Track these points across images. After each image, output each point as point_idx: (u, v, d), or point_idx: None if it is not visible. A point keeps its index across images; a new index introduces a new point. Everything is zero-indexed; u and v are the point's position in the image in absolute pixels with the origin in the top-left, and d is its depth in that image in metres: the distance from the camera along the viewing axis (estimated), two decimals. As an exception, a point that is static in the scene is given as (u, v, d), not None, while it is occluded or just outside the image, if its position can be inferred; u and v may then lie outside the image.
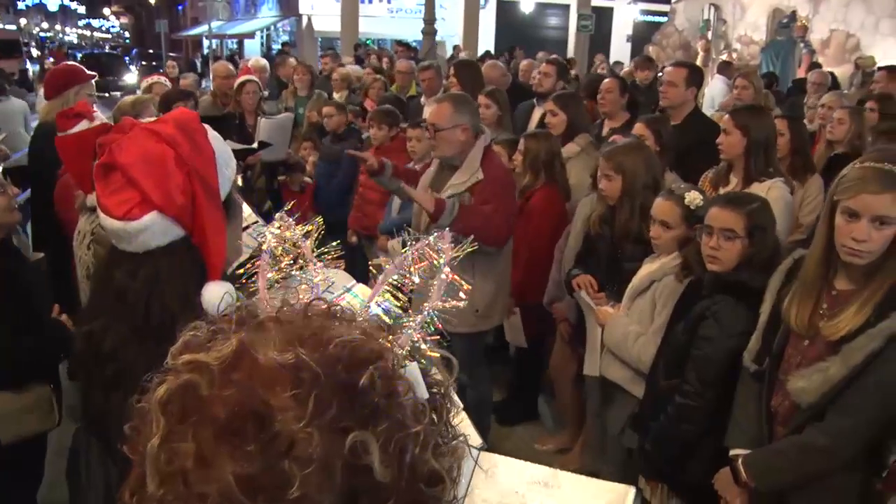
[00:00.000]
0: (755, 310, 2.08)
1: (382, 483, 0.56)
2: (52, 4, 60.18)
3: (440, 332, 0.63)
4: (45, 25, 63.96)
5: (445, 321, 0.63)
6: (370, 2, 21.34)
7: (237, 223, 1.45)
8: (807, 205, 3.49)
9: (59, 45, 35.35)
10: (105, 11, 59.60)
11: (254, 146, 4.62)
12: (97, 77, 4.05)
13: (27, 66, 18.39)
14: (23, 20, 49.25)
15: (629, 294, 2.70)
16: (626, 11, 23.07)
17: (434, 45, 13.51)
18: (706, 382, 2.21)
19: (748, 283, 2.16)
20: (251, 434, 0.54)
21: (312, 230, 0.77)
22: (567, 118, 4.00)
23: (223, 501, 0.53)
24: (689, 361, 2.25)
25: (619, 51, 20.59)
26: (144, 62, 24.19)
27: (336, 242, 0.80)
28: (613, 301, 2.83)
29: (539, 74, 5.45)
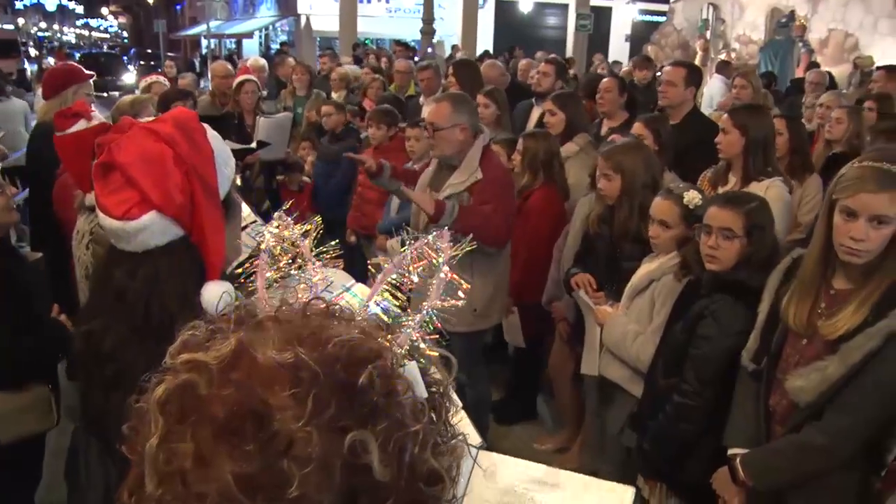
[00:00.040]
0: (754, 309, 2.08)
1: (382, 482, 0.56)
2: (50, 4, 60.06)
3: (439, 331, 0.63)
4: (43, 25, 63.89)
5: (444, 320, 0.63)
6: (369, 1, 21.33)
7: (236, 223, 1.45)
8: (805, 204, 3.49)
9: (60, 46, 35.30)
10: (103, 11, 59.52)
11: (252, 146, 4.61)
12: (95, 77, 4.04)
13: (25, 66, 18.37)
14: (21, 20, 49.20)
15: (628, 293, 2.70)
16: (625, 11, 23.08)
17: (433, 45, 13.51)
18: (705, 381, 2.21)
19: (747, 283, 2.17)
20: (250, 433, 0.54)
21: (311, 229, 0.77)
22: (566, 118, 4.00)
23: (222, 501, 0.53)
24: (688, 360, 2.25)
25: (618, 50, 20.60)
26: (143, 62, 24.16)
27: (334, 242, 0.80)
28: (612, 300, 2.83)
29: (538, 74, 5.46)
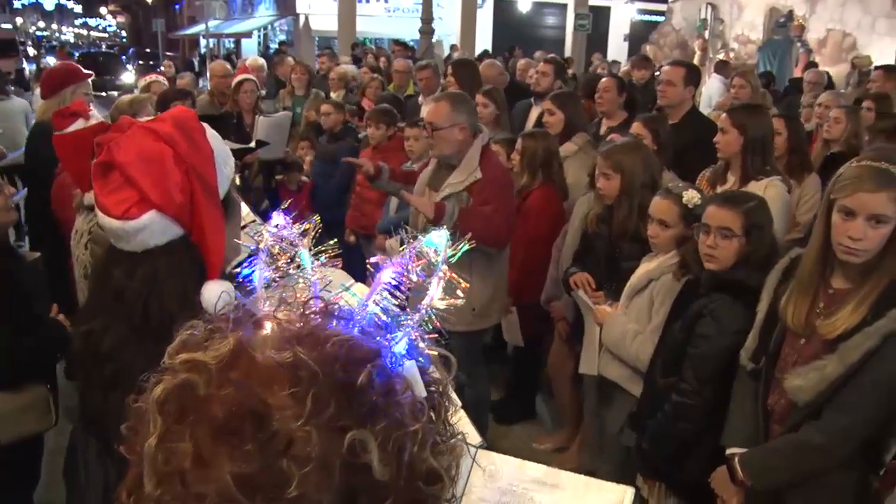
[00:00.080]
0: (752, 308, 2.09)
1: (381, 481, 0.56)
2: (49, 3, 59.98)
3: (438, 331, 0.63)
4: (42, 24, 63.80)
5: (443, 319, 0.63)
6: (367, 1, 21.31)
7: (236, 222, 1.44)
8: (804, 203, 3.50)
9: (62, 45, 35.23)
10: (102, 10, 59.44)
11: (251, 145, 4.61)
12: (94, 76, 4.04)
13: (23, 66, 18.34)
14: (19, 19, 49.09)
15: (627, 293, 2.70)
16: (624, 11, 23.08)
17: (431, 45, 13.50)
18: (703, 381, 2.22)
19: (745, 282, 2.17)
20: (249, 433, 0.54)
21: (309, 229, 0.77)
22: (565, 117, 4.01)
23: (221, 501, 0.53)
24: (687, 360, 2.25)
25: (617, 50, 20.61)
26: (141, 61, 24.11)
27: (333, 241, 0.79)
28: (611, 300, 2.83)
29: (537, 73, 5.46)
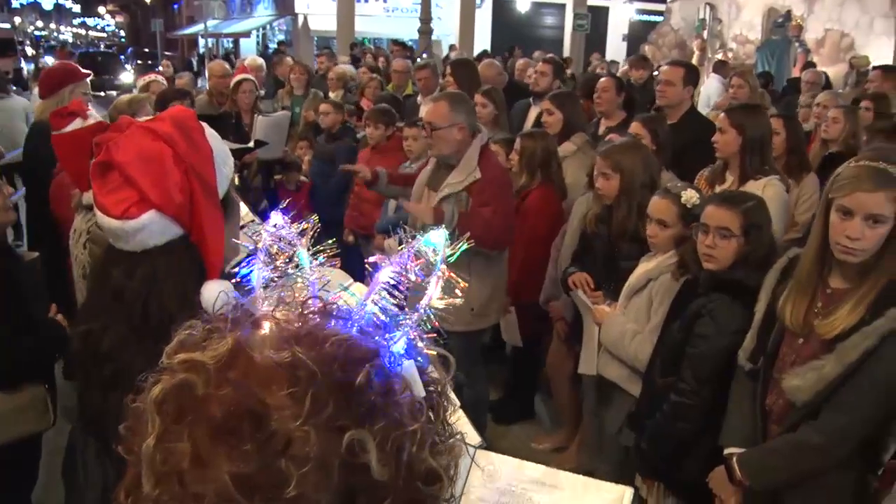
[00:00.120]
0: (750, 308, 2.09)
1: (380, 481, 0.56)
2: (47, 3, 59.87)
3: (437, 330, 0.63)
4: (40, 24, 63.71)
5: (442, 319, 0.63)
6: (366, 1, 21.31)
7: (235, 222, 1.44)
8: (802, 203, 3.50)
9: (63, 45, 35.16)
10: (100, 10, 59.36)
11: (250, 145, 4.61)
12: (93, 76, 4.03)
13: (21, 65, 18.31)
14: (17, 18, 49.03)
15: (626, 292, 2.70)
16: (622, 11, 23.09)
17: (430, 45, 13.50)
18: (702, 380, 2.22)
19: (744, 282, 2.17)
20: (247, 433, 0.54)
21: (308, 228, 0.77)
22: (563, 117, 4.01)
23: (219, 501, 0.53)
24: (685, 359, 2.25)
25: (615, 50, 20.61)
26: (140, 61, 24.11)
27: (331, 241, 0.79)
28: (610, 300, 2.83)
29: (535, 73, 5.46)
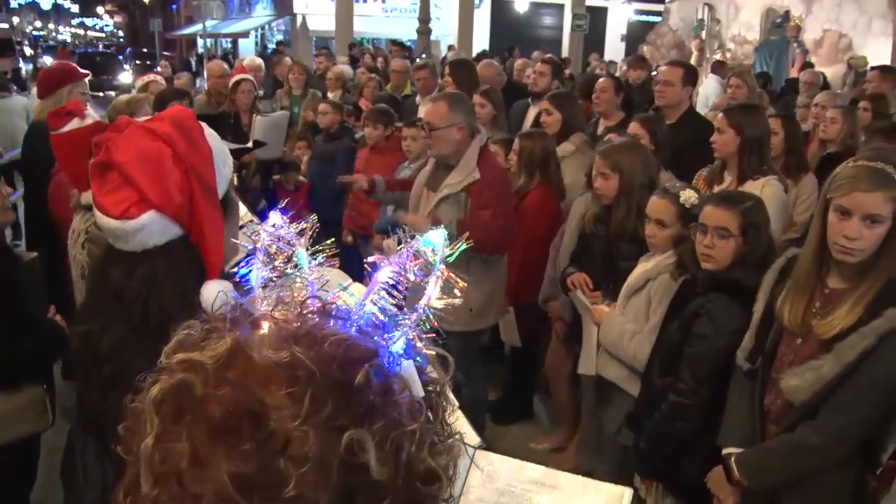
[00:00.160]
0: (749, 308, 2.09)
1: (379, 481, 0.56)
2: (45, 3, 59.80)
3: (436, 330, 0.63)
4: (38, 24, 63.64)
5: (441, 319, 0.63)
6: (364, 1, 21.30)
7: (234, 222, 1.44)
8: (801, 203, 3.51)
9: (64, 45, 35.08)
10: (98, 10, 59.30)
11: (249, 145, 4.61)
12: (91, 76, 4.03)
13: (20, 65, 18.29)
14: (15, 18, 48.97)
15: (624, 293, 2.71)
16: (621, 11, 23.10)
17: (429, 45, 13.50)
18: (700, 380, 2.22)
19: (742, 282, 2.17)
20: (246, 433, 0.54)
21: (307, 228, 0.77)
22: (562, 117, 4.01)
23: (218, 501, 0.53)
24: (684, 359, 2.25)
25: (614, 50, 20.63)
26: (138, 61, 24.08)
27: (330, 241, 0.79)
28: (609, 300, 2.83)
29: (534, 74, 5.46)
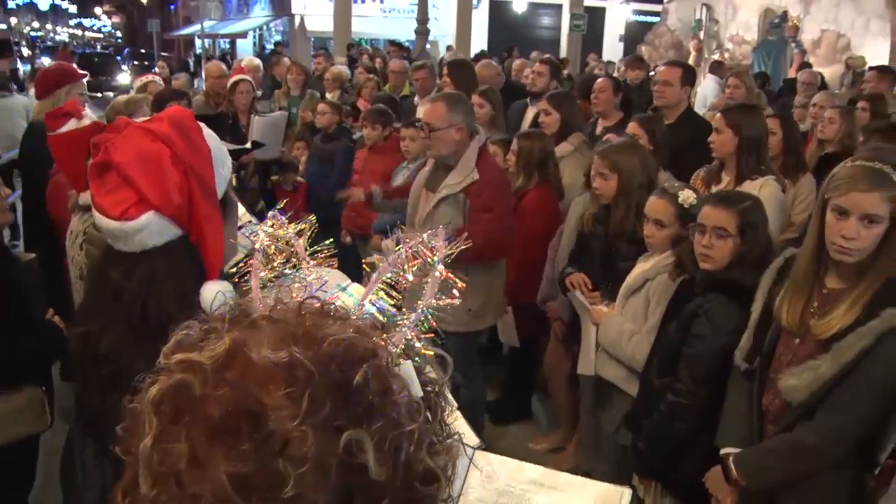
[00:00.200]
0: (747, 308, 2.09)
1: (377, 481, 0.56)
2: (43, 4, 59.74)
3: (434, 330, 0.63)
4: (36, 25, 63.58)
5: (439, 319, 0.63)
6: (363, 2, 21.30)
7: (233, 222, 1.44)
8: (799, 203, 3.51)
9: (65, 45, 35.04)
10: (96, 11, 59.25)
11: (247, 146, 4.60)
12: (89, 77, 4.03)
13: (18, 66, 18.26)
14: (13, 19, 48.92)
15: (623, 293, 2.71)
16: (619, 11, 23.11)
17: (427, 46, 13.50)
18: (698, 380, 2.22)
19: (740, 282, 2.17)
20: (245, 433, 0.54)
21: (305, 228, 0.77)
22: (560, 117, 4.01)
23: (217, 502, 0.53)
24: (682, 360, 2.25)
25: (612, 50, 20.64)
26: (136, 62, 24.05)
27: (329, 241, 0.79)
28: (607, 300, 2.83)
29: (532, 74, 5.47)
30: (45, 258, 3.00)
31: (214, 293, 1.18)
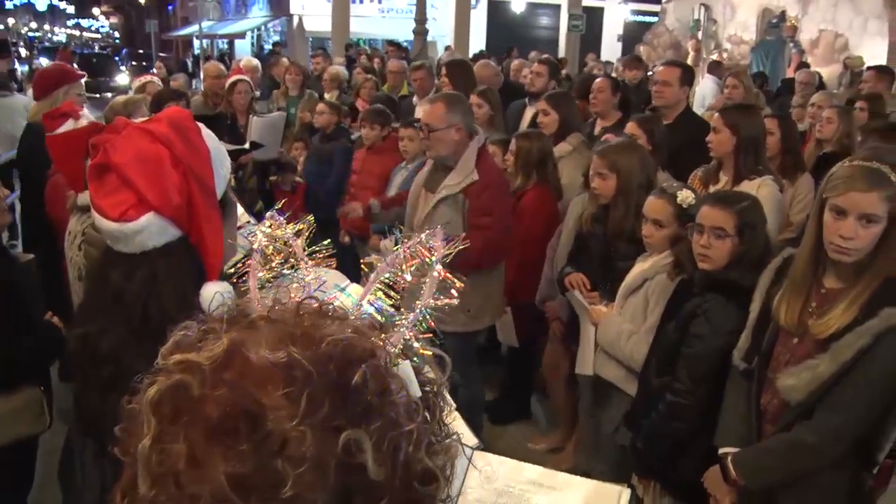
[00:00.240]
0: (745, 308, 2.09)
1: (376, 481, 0.56)
2: (41, 4, 59.67)
3: (433, 331, 0.63)
4: (34, 25, 63.50)
5: (438, 320, 0.63)
6: (361, 2, 21.30)
7: (232, 223, 1.44)
8: (797, 203, 3.51)
9: (65, 46, 35.03)
10: (94, 11, 59.18)
11: (245, 146, 4.60)
12: (88, 77, 4.02)
13: (15, 67, 18.25)
14: (11, 20, 48.87)
15: (622, 293, 2.71)
16: (617, 11, 23.12)
17: (425, 46, 13.50)
18: (697, 380, 2.22)
19: (738, 282, 2.18)
20: (243, 433, 0.54)
21: (303, 229, 0.77)
22: (559, 117, 4.02)
23: (215, 502, 0.53)
24: (681, 359, 2.26)
25: (610, 51, 20.64)
26: (135, 62, 24.04)
27: (327, 241, 0.80)
28: (606, 300, 2.84)
29: (531, 74, 5.47)
30: (44, 259, 3.00)
31: (213, 294, 1.18)
